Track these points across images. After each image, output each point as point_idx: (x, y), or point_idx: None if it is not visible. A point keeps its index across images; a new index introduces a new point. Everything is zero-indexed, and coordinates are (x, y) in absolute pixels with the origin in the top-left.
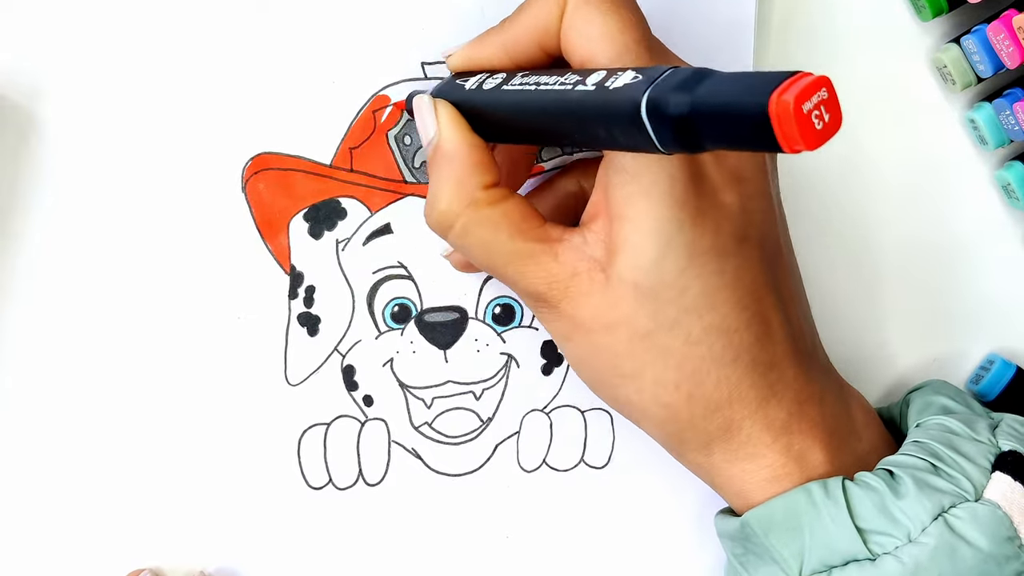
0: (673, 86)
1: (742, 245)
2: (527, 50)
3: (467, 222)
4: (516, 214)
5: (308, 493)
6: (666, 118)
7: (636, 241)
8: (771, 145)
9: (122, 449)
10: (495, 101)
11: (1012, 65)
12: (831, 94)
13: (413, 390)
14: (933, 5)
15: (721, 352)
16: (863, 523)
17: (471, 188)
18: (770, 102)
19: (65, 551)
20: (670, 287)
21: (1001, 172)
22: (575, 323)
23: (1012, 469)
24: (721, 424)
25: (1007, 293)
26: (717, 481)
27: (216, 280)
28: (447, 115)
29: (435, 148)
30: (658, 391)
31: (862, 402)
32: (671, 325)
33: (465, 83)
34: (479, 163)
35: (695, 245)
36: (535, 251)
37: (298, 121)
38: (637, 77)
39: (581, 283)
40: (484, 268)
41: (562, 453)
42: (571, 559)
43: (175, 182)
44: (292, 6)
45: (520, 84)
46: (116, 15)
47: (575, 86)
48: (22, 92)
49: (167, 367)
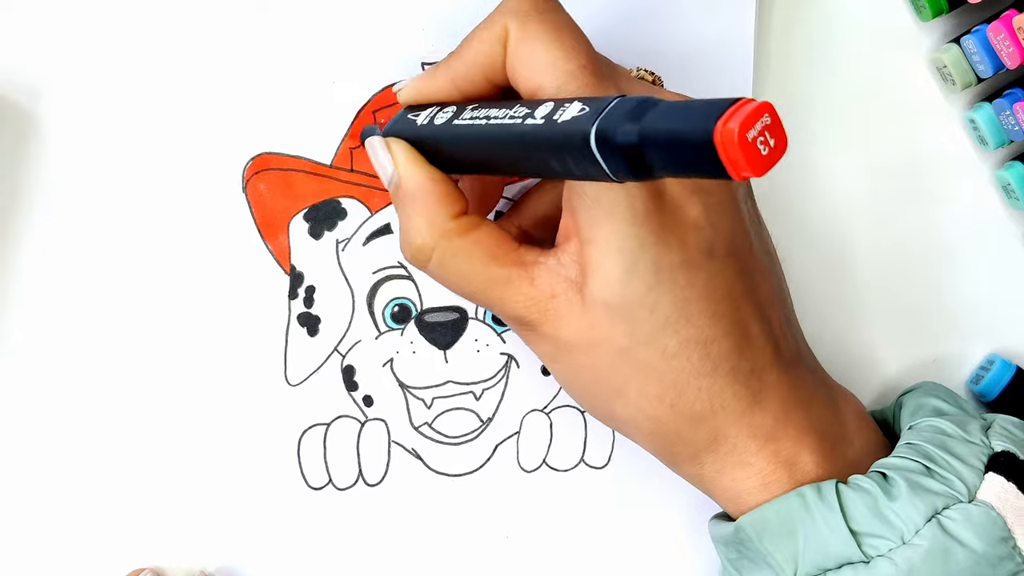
0: (620, 116)
1: (711, 256)
2: (474, 83)
3: (442, 254)
4: (489, 240)
5: (308, 493)
6: (615, 148)
7: (602, 262)
8: (719, 172)
9: (122, 449)
10: (447, 135)
11: (1012, 65)
12: (774, 119)
13: (413, 390)
14: (933, 5)
15: (700, 363)
16: (856, 525)
17: (441, 220)
18: (715, 130)
19: (65, 551)
20: (640, 305)
21: (1001, 172)
22: (557, 344)
23: (1005, 470)
24: (707, 435)
25: (1007, 293)
26: (711, 490)
27: (216, 280)
28: (402, 152)
29: (396, 186)
30: (642, 404)
31: (854, 404)
32: (647, 341)
33: (416, 117)
34: (444, 195)
35: (661, 261)
36: (511, 276)
37: (298, 121)
38: (584, 109)
39: (559, 305)
40: (464, 296)
41: (562, 453)
42: (571, 559)
43: (175, 182)
44: (292, 6)
45: (470, 118)
46: (116, 15)
47: (524, 119)
48: (22, 92)
49: (167, 367)
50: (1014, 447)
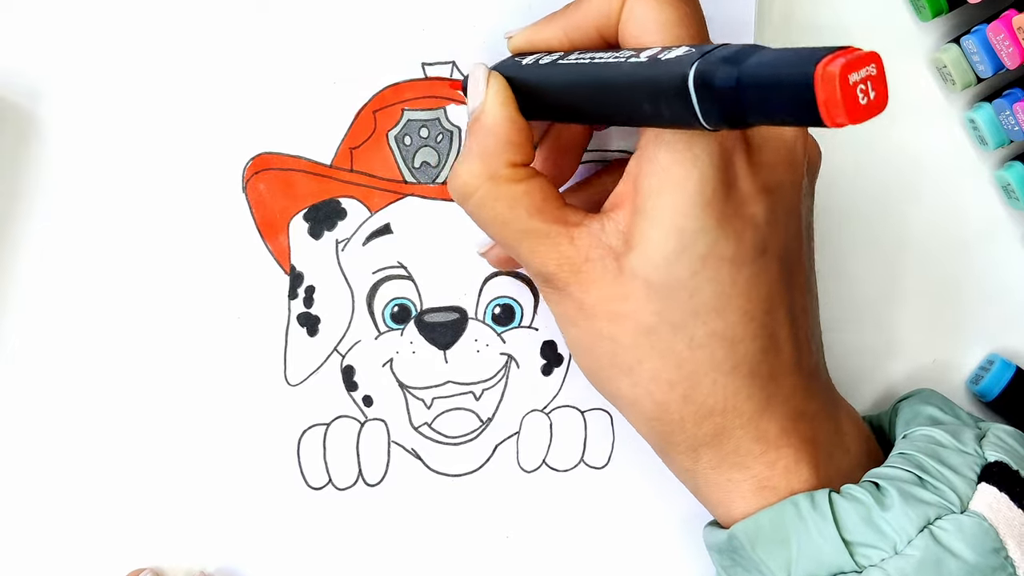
0: (721, 58)
1: (760, 257)
2: (586, 35)
3: (485, 194)
4: (538, 194)
5: (308, 493)
6: (712, 90)
7: (655, 236)
8: (814, 117)
9: (122, 449)
10: (548, 76)
11: (1012, 65)
12: (880, 71)
13: (413, 390)
14: (933, 5)
15: (722, 359)
16: (849, 535)
17: (496, 163)
18: (815, 72)
19: (65, 551)
20: (681, 288)
21: (1001, 172)
22: (581, 308)
23: (998, 480)
24: (711, 430)
25: (1007, 293)
26: (701, 486)
27: (216, 280)
28: (497, 88)
29: (475, 118)
30: (652, 388)
31: (852, 415)
32: (676, 325)
33: (522, 60)
34: (513, 141)
35: (713, 250)
36: (551, 231)
37: (298, 121)
38: (690, 51)
39: (593, 269)
40: (498, 241)
41: (562, 453)
42: (571, 559)
43: (175, 182)
44: (292, 6)
45: (575, 59)
46: (116, 15)
47: (627, 59)
48: (22, 92)
49: (167, 367)
50: (1007, 457)
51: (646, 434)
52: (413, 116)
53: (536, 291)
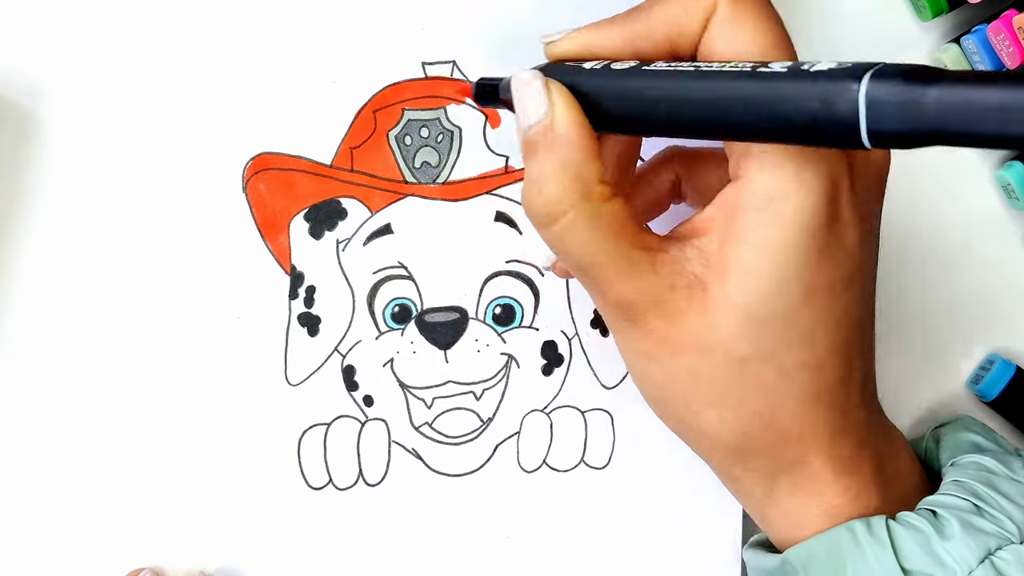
0: (898, 77)
1: (850, 286)
2: (655, 45)
3: (578, 215)
4: (623, 214)
5: (308, 493)
6: (895, 109)
7: (758, 267)
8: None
9: (122, 449)
10: (634, 85)
11: (1012, 65)
12: None
13: (413, 390)
14: (933, 5)
15: (806, 388)
16: (908, 563)
17: (589, 179)
18: None
19: (65, 551)
20: (777, 319)
21: (1001, 172)
22: (664, 341)
23: None
24: (791, 457)
25: (1007, 293)
26: (769, 511)
27: (216, 280)
28: (562, 94)
29: (544, 129)
30: (740, 418)
31: (903, 441)
32: (767, 355)
33: (582, 64)
34: (597, 154)
35: (814, 282)
36: (635, 258)
37: (298, 121)
38: (843, 64)
39: (679, 299)
40: (575, 267)
41: (562, 453)
42: (571, 559)
43: (176, 182)
44: (292, 6)
45: (667, 67)
46: (116, 15)
47: (755, 69)
48: (22, 92)
49: (167, 367)
50: None
51: (719, 463)
52: (413, 116)
53: (536, 291)
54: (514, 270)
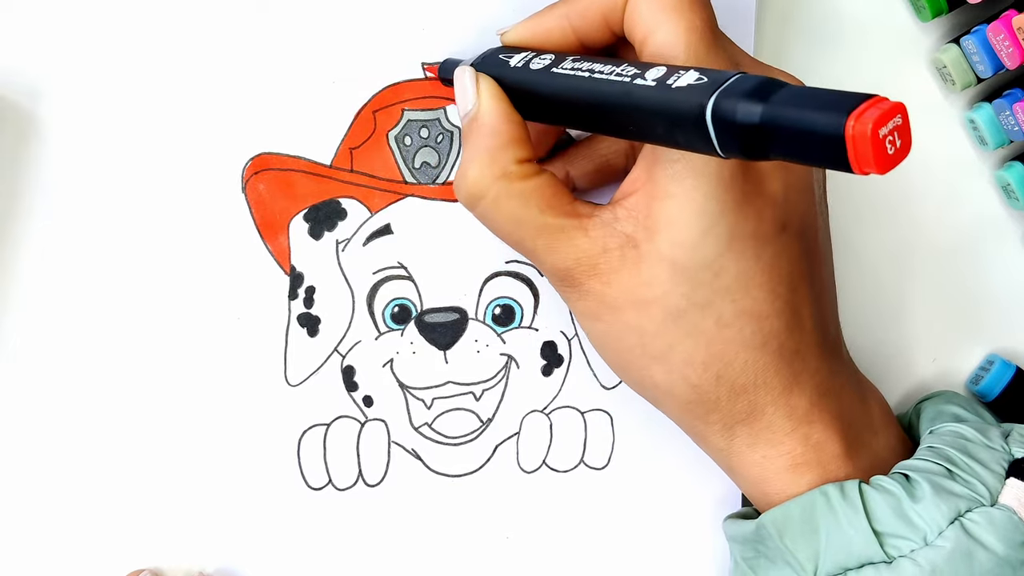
0: (740, 94)
1: (781, 234)
2: (592, 24)
3: (498, 193)
4: (548, 189)
5: (308, 494)
6: (733, 126)
7: (678, 220)
8: (841, 164)
9: (122, 449)
10: (542, 83)
11: (1012, 65)
12: (905, 120)
13: (413, 391)
14: (933, 5)
15: (751, 336)
16: (880, 526)
17: (505, 161)
18: (847, 124)
19: (65, 551)
20: (707, 268)
21: (1001, 172)
22: (603, 301)
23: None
24: (745, 407)
25: (1007, 293)
26: (735, 466)
27: (216, 280)
28: (488, 87)
29: (472, 119)
30: (687, 371)
31: (879, 399)
32: (704, 305)
33: (509, 59)
34: (516, 138)
35: (736, 229)
36: (565, 226)
37: (298, 121)
38: (701, 78)
39: (612, 259)
40: (510, 242)
41: (562, 454)
42: (571, 560)
43: (175, 183)
44: (292, 6)
45: (571, 69)
46: (116, 15)
47: (633, 79)
48: (22, 92)
49: (167, 367)
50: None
51: (679, 418)
52: (413, 116)
53: (536, 292)
54: (514, 271)
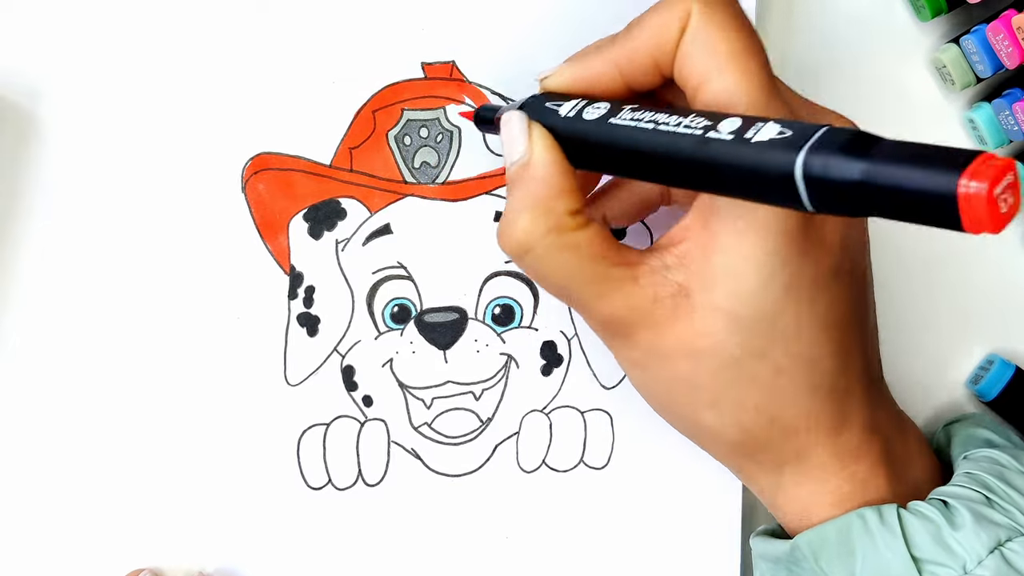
0: (833, 149)
1: (837, 278)
2: (642, 67)
3: (549, 246)
4: (597, 238)
5: (307, 493)
6: (828, 183)
7: (740, 272)
8: (951, 224)
9: (122, 449)
10: (600, 133)
11: (1011, 65)
12: (1016, 178)
13: (413, 390)
14: (932, 5)
15: (804, 380)
16: (918, 552)
17: (558, 213)
18: (959, 184)
19: (65, 551)
20: (764, 317)
21: None
22: (653, 351)
23: None
24: (795, 448)
25: (1007, 293)
26: (779, 500)
27: (216, 280)
28: (541, 136)
29: (522, 167)
30: (740, 416)
31: (916, 431)
32: (760, 353)
33: (558, 108)
34: (568, 188)
35: (794, 279)
36: (616, 275)
37: (298, 121)
38: (784, 132)
39: (664, 310)
40: (555, 292)
41: (562, 454)
42: (571, 559)
43: (175, 182)
44: (292, 6)
45: (632, 120)
46: (116, 16)
47: (706, 132)
48: (22, 92)
49: (167, 367)
50: None
51: (727, 458)
52: (413, 116)
53: (536, 291)
54: (514, 270)
